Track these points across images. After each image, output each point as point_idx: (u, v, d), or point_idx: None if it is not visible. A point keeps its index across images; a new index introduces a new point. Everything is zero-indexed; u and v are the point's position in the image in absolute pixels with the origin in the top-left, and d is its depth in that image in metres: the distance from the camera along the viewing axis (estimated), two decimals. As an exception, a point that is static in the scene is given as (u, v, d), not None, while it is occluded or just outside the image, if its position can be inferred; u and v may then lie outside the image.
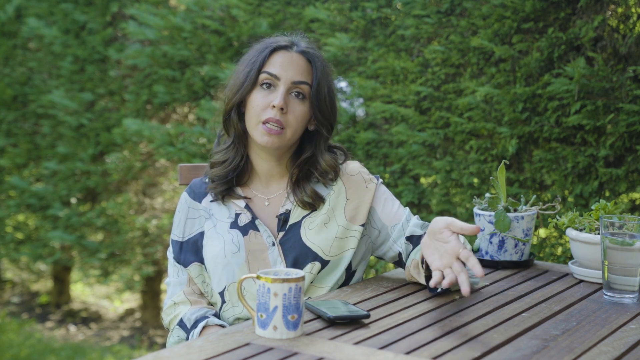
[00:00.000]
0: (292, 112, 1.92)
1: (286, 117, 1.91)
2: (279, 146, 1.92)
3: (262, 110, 1.91)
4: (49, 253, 4.74)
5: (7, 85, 4.67)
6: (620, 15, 3.00)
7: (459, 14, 3.23)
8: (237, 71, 1.99)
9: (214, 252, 1.96)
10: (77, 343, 4.46)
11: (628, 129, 2.88)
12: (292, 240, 1.93)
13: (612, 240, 1.79)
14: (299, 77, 1.93)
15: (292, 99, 1.93)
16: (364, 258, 2.00)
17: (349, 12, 3.48)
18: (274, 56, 1.95)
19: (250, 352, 1.41)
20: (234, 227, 1.96)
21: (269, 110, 1.90)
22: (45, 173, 4.64)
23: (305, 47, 1.98)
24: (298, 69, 1.94)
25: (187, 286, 1.98)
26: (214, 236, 1.97)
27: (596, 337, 1.54)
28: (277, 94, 1.91)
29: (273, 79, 1.92)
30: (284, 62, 1.93)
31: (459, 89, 3.23)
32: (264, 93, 1.92)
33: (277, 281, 1.47)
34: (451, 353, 1.43)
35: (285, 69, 1.93)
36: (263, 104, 1.91)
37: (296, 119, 1.92)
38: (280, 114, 1.90)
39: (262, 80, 1.93)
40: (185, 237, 2.00)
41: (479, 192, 3.18)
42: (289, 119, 1.91)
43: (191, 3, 3.93)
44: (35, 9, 4.57)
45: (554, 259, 3.07)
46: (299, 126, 1.94)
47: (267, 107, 1.91)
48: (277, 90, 1.92)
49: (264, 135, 1.90)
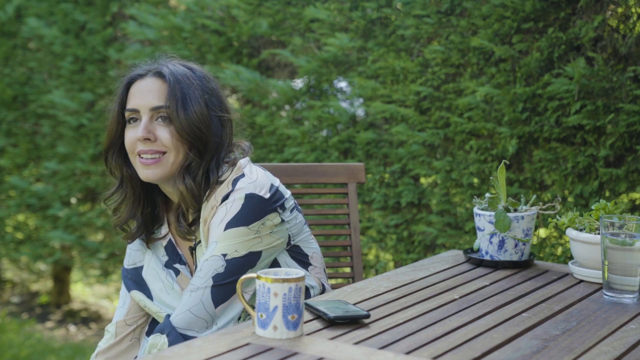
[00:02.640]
0: (163, 136, 1.83)
1: (160, 143, 1.84)
2: (162, 175, 1.84)
3: (133, 146, 1.86)
4: (49, 253, 4.74)
5: (7, 85, 4.67)
6: (620, 15, 3.00)
7: (459, 14, 3.23)
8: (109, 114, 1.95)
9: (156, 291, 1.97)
10: (77, 343, 4.46)
11: (628, 129, 2.88)
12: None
13: (612, 240, 1.79)
14: (157, 102, 1.85)
15: (159, 125, 1.85)
16: None
17: (349, 12, 3.47)
18: (132, 89, 1.89)
19: (250, 352, 1.41)
20: (168, 266, 1.97)
21: (138, 144, 1.85)
22: (45, 173, 4.64)
23: (159, 69, 1.89)
24: (155, 94, 1.86)
25: (124, 316, 2.03)
26: (153, 273, 1.98)
27: (596, 337, 1.55)
28: (138, 127, 1.85)
29: (135, 113, 1.87)
30: (139, 92, 1.87)
31: (459, 89, 3.23)
32: (132, 129, 1.87)
33: (277, 281, 1.47)
34: (451, 353, 1.43)
35: (143, 97, 1.86)
36: (131, 140, 1.87)
37: (169, 141, 1.83)
38: (150, 144, 1.83)
39: (127, 118, 1.89)
40: (130, 266, 2.02)
41: (479, 192, 3.18)
42: (164, 143, 1.83)
43: (191, 3, 3.93)
44: (35, 9, 4.57)
45: (554, 259, 3.07)
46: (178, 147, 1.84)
47: (136, 142, 1.86)
48: (139, 123, 1.86)
49: (143, 170, 1.85)
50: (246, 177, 1.84)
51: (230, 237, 1.79)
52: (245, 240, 1.80)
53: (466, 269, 2.11)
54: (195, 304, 1.78)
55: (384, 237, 3.48)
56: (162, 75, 1.88)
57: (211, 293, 1.78)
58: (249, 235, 1.80)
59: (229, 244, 1.79)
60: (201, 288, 1.78)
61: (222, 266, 1.79)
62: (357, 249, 2.43)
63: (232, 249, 1.79)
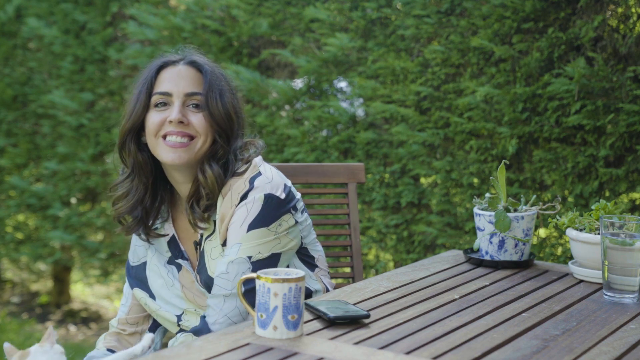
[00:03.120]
0: (196, 121, 1.85)
1: (191, 128, 1.85)
2: (187, 160, 1.84)
3: (159, 127, 1.85)
4: (49, 253, 4.74)
5: (7, 85, 4.67)
6: (620, 15, 3.00)
7: (459, 14, 3.23)
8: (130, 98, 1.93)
9: (156, 287, 1.97)
10: (77, 343, 4.46)
11: (628, 129, 2.88)
12: (203, 271, 1.90)
13: (612, 240, 1.79)
14: (191, 89, 1.87)
15: (190, 111, 1.86)
16: None
17: (349, 12, 3.47)
18: (162, 74, 1.89)
19: (250, 352, 1.41)
20: (171, 262, 1.97)
21: (167, 125, 1.84)
22: (45, 173, 4.63)
23: (192, 58, 1.91)
24: (189, 81, 1.88)
25: (125, 314, 2.04)
26: (155, 269, 1.98)
27: (596, 337, 1.55)
28: (172, 109, 1.84)
29: (166, 97, 1.86)
30: (173, 77, 1.88)
31: (459, 89, 3.23)
32: (159, 112, 1.86)
33: (277, 281, 1.47)
34: (451, 353, 1.43)
35: (176, 83, 1.87)
36: (159, 121, 1.85)
37: (202, 126, 1.85)
38: (182, 127, 1.84)
39: (155, 102, 1.87)
40: (134, 263, 2.02)
41: (479, 192, 3.18)
42: (195, 128, 1.85)
43: (191, 3, 3.93)
44: (35, 9, 4.57)
45: (554, 259, 3.07)
46: (208, 134, 1.86)
47: (164, 123, 1.85)
48: (172, 106, 1.86)
49: (168, 153, 1.84)
50: (263, 176, 1.85)
51: (252, 238, 1.80)
52: (267, 241, 1.82)
53: (466, 269, 2.11)
54: (232, 309, 1.79)
55: (384, 237, 3.48)
56: (197, 64, 1.90)
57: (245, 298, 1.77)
58: (270, 236, 1.82)
59: (252, 246, 1.80)
60: (234, 295, 1.78)
61: (249, 269, 1.80)
62: (357, 249, 2.43)
63: (256, 250, 1.80)
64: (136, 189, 1.92)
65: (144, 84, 1.89)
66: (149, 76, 1.89)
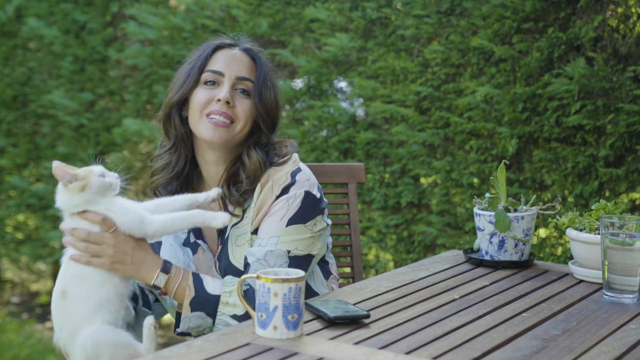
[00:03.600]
0: (240, 106, 1.89)
1: (234, 111, 1.88)
2: (225, 140, 1.87)
3: (205, 105, 1.88)
4: (49, 253, 4.74)
5: (7, 85, 4.67)
6: (620, 15, 3.00)
7: (459, 14, 3.23)
8: (178, 72, 1.96)
9: None
10: (77, 343, 4.46)
11: (628, 129, 2.88)
12: (224, 257, 1.91)
13: (612, 240, 1.79)
14: (243, 73, 1.91)
15: (237, 95, 1.90)
16: None
17: (349, 12, 3.47)
18: (217, 54, 1.93)
19: (250, 352, 1.41)
20: (186, 244, 1.97)
21: (213, 104, 1.88)
22: (45, 173, 4.64)
23: (249, 46, 1.97)
24: (242, 66, 1.92)
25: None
26: (170, 249, 1.98)
27: (596, 337, 1.55)
28: (222, 89, 1.88)
29: (217, 76, 1.90)
30: (227, 59, 1.92)
31: (459, 89, 3.23)
32: (208, 90, 1.90)
33: (277, 281, 1.47)
34: (451, 353, 1.43)
35: (229, 65, 1.91)
36: (206, 98, 1.88)
37: (245, 112, 1.89)
38: (227, 108, 1.87)
39: (205, 79, 1.91)
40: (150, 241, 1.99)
41: (479, 192, 3.18)
42: (237, 112, 1.88)
43: (191, 3, 3.93)
44: (35, 9, 4.57)
45: (554, 259, 3.07)
46: (247, 122, 1.89)
47: (211, 102, 1.88)
48: (221, 86, 1.89)
49: (209, 130, 1.87)
50: (303, 172, 1.89)
51: (291, 233, 1.83)
52: (304, 238, 1.84)
53: (466, 269, 2.11)
54: None
55: (384, 237, 3.48)
56: (252, 52, 1.95)
57: None
58: (307, 234, 1.85)
59: (291, 241, 1.83)
60: None
61: (286, 263, 1.82)
62: (357, 249, 2.43)
63: (294, 246, 1.83)
64: (176, 162, 1.94)
65: (198, 60, 1.92)
66: (205, 54, 1.93)
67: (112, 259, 1.71)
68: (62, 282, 1.72)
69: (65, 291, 1.71)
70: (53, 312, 1.74)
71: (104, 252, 1.71)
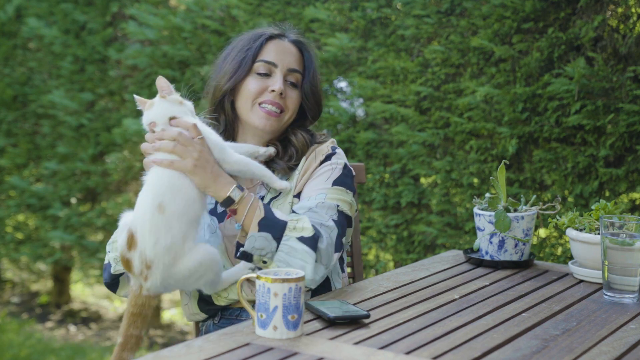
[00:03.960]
0: (290, 98, 1.97)
1: (285, 102, 1.97)
2: (275, 129, 1.97)
3: (258, 94, 1.95)
4: (49, 253, 4.74)
5: (7, 85, 4.67)
6: (620, 15, 3.00)
7: (459, 14, 3.23)
8: (226, 59, 2.01)
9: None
10: (77, 343, 4.46)
11: (628, 129, 2.88)
12: None
13: (612, 240, 1.79)
14: (293, 65, 1.99)
15: (287, 86, 1.98)
16: None
17: (349, 12, 3.48)
18: (269, 45, 1.99)
19: (250, 352, 1.41)
20: (213, 213, 1.99)
21: (266, 94, 1.95)
22: (45, 173, 4.64)
23: (298, 38, 2.04)
24: (293, 58, 2.00)
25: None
26: None
27: (596, 337, 1.55)
28: (275, 80, 1.96)
29: (270, 67, 1.97)
30: (279, 50, 1.99)
31: (459, 89, 3.23)
32: (260, 79, 1.96)
33: (277, 281, 1.47)
34: (451, 353, 1.43)
35: (281, 57, 1.98)
36: (259, 88, 1.95)
37: (293, 104, 1.98)
38: (279, 98, 1.95)
39: (257, 69, 1.97)
40: None
41: (479, 192, 3.18)
42: (287, 103, 1.97)
43: (191, 3, 3.93)
44: (35, 9, 4.57)
45: (554, 259, 3.07)
46: (294, 113, 1.99)
47: (264, 92, 1.95)
48: (274, 76, 1.97)
49: (262, 118, 1.94)
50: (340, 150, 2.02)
51: (336, 192, 1.91)
52: (347, 200, 1.91)
53: (466, 269, 2.11)
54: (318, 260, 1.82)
55: (384, 237, 3.48)
56: (302, 45, 2.04)
57: (336, 238, 1.83)
58: (348, 198, 1.92)
59: (337, 198, 1.89)
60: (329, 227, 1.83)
61: (335, 215, 1.86)
62: (357, 249, 2.43)
63: (340, 202, 1.89)
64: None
65: (250, 50, 1.98)
66: (257, 44, 1.99)
67: (195, 161, 1.76)
68: (157, 196, 1.72)
69: (162, 205, 1.70)
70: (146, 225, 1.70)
71: (189, 153, 1.75)
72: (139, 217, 1.72)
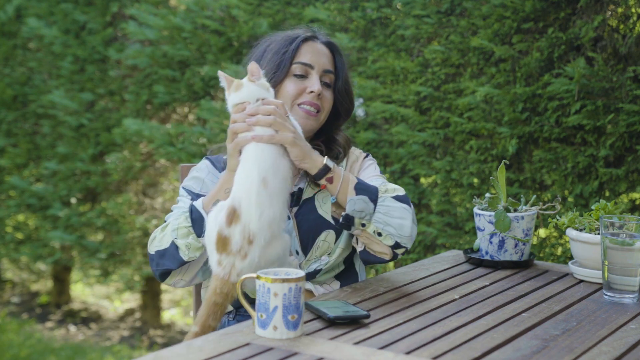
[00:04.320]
0: (325, 98, 2.02)
1: (322, 102, 2.02)
2: (313, 128, 2.02)
3: (297, 96, 2.00)
4: (49, 253, 4.74)
5: (7, 85, 4.67)
6: (620, 15, 3.00)
7: (459, 14, 3.23)
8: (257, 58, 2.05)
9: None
10: (77, 343, 4.46)
11: (628, 129, 2.88)
12: (306, 212, 1.98)
13: (612, 240, 1.79)
14: (328, 67, 2.05)
15: (323, 87, 2.03)
16: None
17: (349, 12, 3.48)
18: (304, 47, 2.04)
19: (250, 352, 1.41)
20: None
21: (304, 95, 2.00)
22: (45, 173, 4.64)
23: (329, 39, 2.10)
24: (326, 59, 2.06)
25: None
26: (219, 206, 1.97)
27: (596, 337, 1.55)
28: (313, 81, 2.01)
29: (307, 68, 2.02)
30: (314, 52, 2.04)
31: (459, 89, 3.23)
32: (297, 81, 2.01)
33: (277, 281, 1.47)
34: (451, 353, 1.43)
35: (317, 58, 2.03)
36: (298, 89, 2.00)
37: (328, 103, 2.04)
38: (317, 99, 2.00)
39: (294, 70, 2.01)
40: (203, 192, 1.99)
41: (479, 192, 3.18)
42: (323, 103, 2.02)
43: (191, 3, 3.93)
44: (35, 9, 4.57)
45: (554, 259, 3.07)
46: (329, 111, 2.05)
47: (303, 93, 2.00)
48: (311, 77, 2.02)
49: (301, 118, 1.98)
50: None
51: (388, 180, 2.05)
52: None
53: (466, 269, 2.11)
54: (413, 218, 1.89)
55: (384, 237, 3.47)
56: (333, 47, 2.08)
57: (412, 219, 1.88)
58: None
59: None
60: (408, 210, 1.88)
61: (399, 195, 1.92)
62: (357, 249, 2.43)
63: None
64: None
65: (287, 53, 2.02)
66: (294, 47, 2.02)
67: (294, 134, 1.80)
68: (262, 171, 1.72)
69: (266, 180, 1.71)
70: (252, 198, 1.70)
71: (287, 126, 1.80)
72: (244, 192, 1.71)
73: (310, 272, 1.96)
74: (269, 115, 1.78)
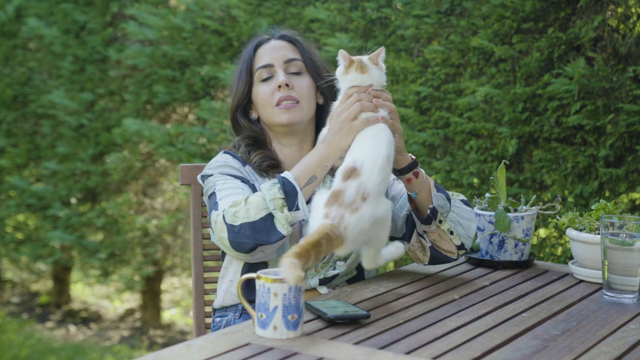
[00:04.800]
0: (298, 86, 2.01)
1: (297, 91, 2.00)
2: (300, 119, 2.00)
3: (271, 97, 2.00)
4: (49, 253, 4.74)
5: (7, 85, 4.67)
6: (620, 15, 3.00)
7: (459, 14, 3.23)
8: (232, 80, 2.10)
9: None
10: (77, 343, 4.46)
11: (628, 129, 2.88)
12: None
13: (612, 240, 1.79)
14: (289, 56, 2.04)
15: (292, 77, 2.02)
16: None
17: (349, 12, 3.48)
18: (259, 51, 2.05)
19: (250, 352, 1.41)
20: None
21: (277, 93, 1.99)
22: (45, 173, 4.64)
23: (282, 32, 2.09)
24: (285, 51, 2.05)
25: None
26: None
27: (596, 337, 1.55)
28: (277, 77, 2.00)
29: (269, 69, 2.02)
30: (270, 50, 2.04)
31: (459, 89, 3.23)
32: (266, 84, 2.02)
33: (277, 281, 1.47)
34: (451, 353, 1.43)
35: (273, 55, 2.03)
36: (269, 91, 2.00)
37: (304, 90, 2.01)
38: (288, 90, 1.99)
39: (260, 77, 2.03)
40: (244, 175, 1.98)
41: (479, 192, 3.18)
42: (298, 91, 2.00)
43: (191, 3, 3.93)
44: (35, 9, 4.57)
45: (554, 259, 3.07)
46: (310, 98, 2.02)
47: (274, 91, 2.00)
48: (276, 75, 2.01)
49: (283, 114, 1.98)
50: None
51: None
52: None
53: (466, 269, 2.11)
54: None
55: (384, 237, 3.47)
56: (287, 37, 2.09)
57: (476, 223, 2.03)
58: None
59: None
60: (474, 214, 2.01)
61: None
62: (357, 249, 2.43)
63: None
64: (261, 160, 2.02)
65: (244, 63, 2.06)
66: (247, 56, 2.06)
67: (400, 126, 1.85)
68: (389, 149, 1.76)
69: (389, 158, 1.75)
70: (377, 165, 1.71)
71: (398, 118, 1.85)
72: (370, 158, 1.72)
73: (327, 277, 1.97)
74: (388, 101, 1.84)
